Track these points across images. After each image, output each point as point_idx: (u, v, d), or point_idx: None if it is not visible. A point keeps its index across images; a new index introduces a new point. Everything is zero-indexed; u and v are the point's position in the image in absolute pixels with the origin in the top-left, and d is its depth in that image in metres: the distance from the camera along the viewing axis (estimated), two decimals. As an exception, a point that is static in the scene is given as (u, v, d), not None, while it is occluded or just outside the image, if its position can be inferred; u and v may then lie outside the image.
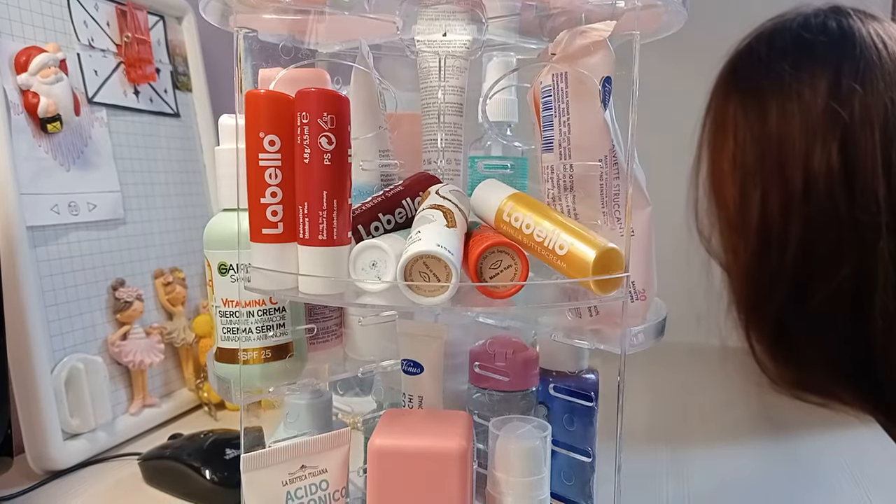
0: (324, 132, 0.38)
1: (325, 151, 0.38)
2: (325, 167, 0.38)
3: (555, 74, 0.43)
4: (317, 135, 0.38)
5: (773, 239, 0.83)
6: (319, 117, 0.38)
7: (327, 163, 0.38)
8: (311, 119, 0.38)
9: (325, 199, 0.38)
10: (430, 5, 0.46)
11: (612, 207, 0.43)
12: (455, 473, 0.38)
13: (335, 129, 0.38)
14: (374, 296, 0.39)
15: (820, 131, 0.80)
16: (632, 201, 0.42)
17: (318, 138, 0.38)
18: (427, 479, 0.38)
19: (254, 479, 0.41)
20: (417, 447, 0.38)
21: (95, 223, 0.71)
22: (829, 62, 0.80)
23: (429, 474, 0.38)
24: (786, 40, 0.84)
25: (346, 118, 0.39)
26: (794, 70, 0.81)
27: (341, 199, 0.39)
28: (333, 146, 0.38)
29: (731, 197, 0.85)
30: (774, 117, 0.83)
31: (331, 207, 0.38)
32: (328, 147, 0.38)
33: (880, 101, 0.78)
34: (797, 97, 0.81)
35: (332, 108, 0.38)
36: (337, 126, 0.38)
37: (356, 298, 0.39)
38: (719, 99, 0.89)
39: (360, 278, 0.39)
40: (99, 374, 0.68)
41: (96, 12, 0.75)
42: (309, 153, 0.38)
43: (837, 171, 0.79)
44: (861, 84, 0.78)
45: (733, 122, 0.86)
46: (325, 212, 0.38)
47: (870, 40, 0.80)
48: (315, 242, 0.39)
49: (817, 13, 0.84)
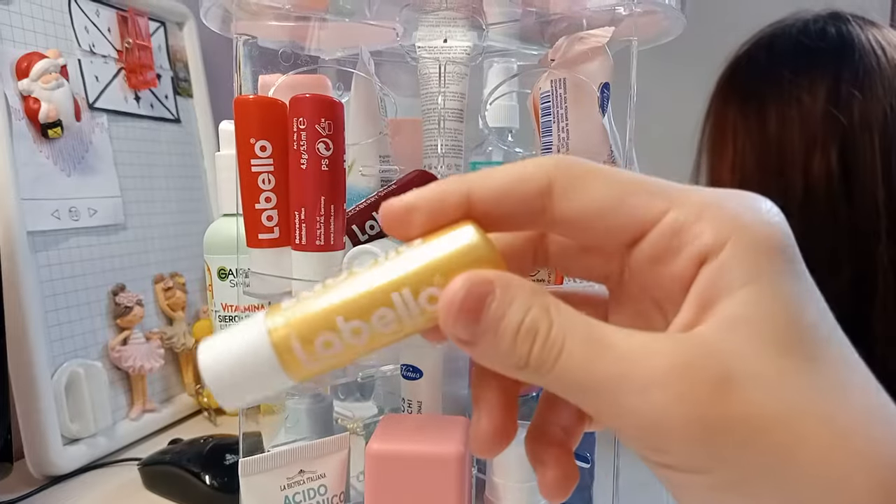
0: (321, 138, 0.38)
1: (323, 157, 0.38)
2: (322, 173, 0.38)
3: (553, 80, 0.43)
4: (314, 140, 0.38)
5: (772, 244, 0.82)
6: (317, 123, 0.38)
7: (325, 168, 0.38)
8: (309, 125, 0.38)
9: (322, 205, 0.38)
10: (430, 12, 0.47)
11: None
12: (452, 478, 0.38)
13: (332, 135, 0.38)
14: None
15: (819, 137, 0.80)
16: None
17: (315, 144, 0.38)
18: (424, 484, 0.38)
19: (252, 484, 0.41)
20: (414, 452, 0.38)
21: (96, 228, 0.72)
22: (829, 68, 0.81)
23: (426, 479, 0.38)
24: (785, 46, 0.84)
25: (342, 124, 0.39)
26: (793, 76, 0.81)
27: (338, 204, 0.39)
28: (331, 152, 0.38)
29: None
30: (774, 123, 0.83)
31: (328, 213, 0.38)
32: (325, 153, 0.38)
33: (879, 107, 0.78)
34: (796, 103, 0.81)
35: (329, 113, 0.38)
36: (334, 132, 0.38)
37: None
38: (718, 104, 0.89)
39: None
40: (99, 380, 0.68)
41: (97, 18, 0.75)
42: (306, 159, 0.38)
43: (837, 176, 0.79)
44: (860, 90, 0.78)
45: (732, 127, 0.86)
46: (322, 217, 0.38)
47: (869, 46, 0.80)
48: (312, 248, 0.39)
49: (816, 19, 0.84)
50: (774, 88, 0.82)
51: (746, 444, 0.18)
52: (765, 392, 0.18)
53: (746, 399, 0.18)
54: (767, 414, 0.18)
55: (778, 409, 0.18)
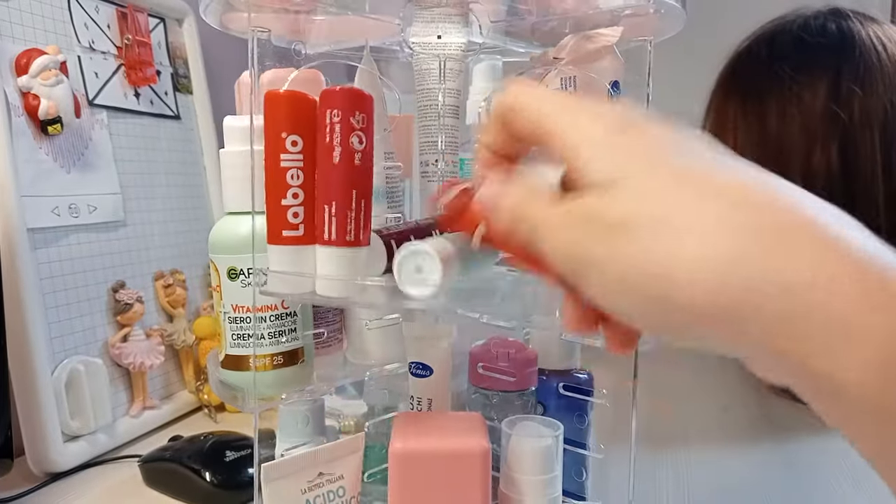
0: (355, 131, 0.37)
1: (357, 151, 0.37)
2: (355, 167, 0.37)
3: (564, 78, 0.43)
4: (348, 134, 0.37)
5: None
6: (352, 116, 0.37)
7: (357, 162, 0.37)
8: (343, 118, 0.37)
9: (354, 199, 0.37)
10: (426, 8, 0.46)
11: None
12: (478, 474, 0.37)
13: (365, 128, 0.37)
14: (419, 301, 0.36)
15: (819, 133, 0.80)
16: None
17: (349, 137, 0.37)
18: (450, 481, 0.37)
19: (274, 490, 0.41)
20: (440, 449, 0.38)
21: (96, 225, 0.72)
22: (829, 64, 0.80)
23: (452, 476, 0.37)
24: (785, 42, 0.84)
25: (372, 118, 0.38)
26: (793, 72, 0.81)
27: (367, 200, 0.38)
28: (364, 145, 0.37)
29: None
30: (774, 119, 0.83)
31: (359, 207, 0.38)
32: (359, 146, 0.37)
33: (880, 104, 0.78)
34: (797, 99, 0.81)
35: (363, 106, 0.37)
36: (367, 125, 0.37)
37: (393, 300, 0.37)
38: (719, 100, 0.89)
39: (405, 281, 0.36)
40: (99, 376, 0.68)
41: (97, 14, 0.75)
42: (339, 152, 0.37)
43: (837, 172, 0.79)
44: (861, 86, 0.78)
45: (733, 123, 0.86)
46: (353, 212, 0.37)
47: (869, 43, 0.80)
48: (342, 243, 0.38)
49: (817, 15, 0.84)
50: (775, 84, 0.82)
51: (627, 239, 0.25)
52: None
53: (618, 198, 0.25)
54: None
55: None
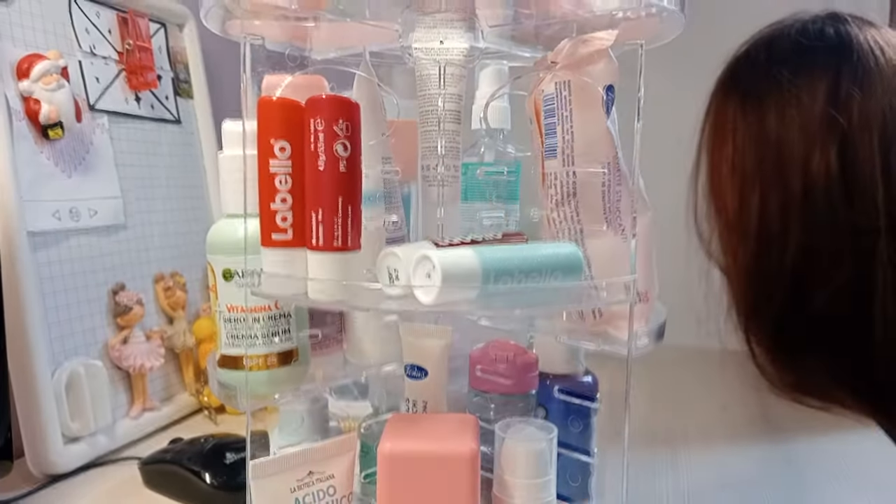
0: (339, 139, 0.38)
1: (341, 158, 0.38)
2: (340, 174, 0.38)
3: (558, 82, 0.43)
4: (332, 142, 0.37)
5: (772, 242, 0.83)
6: (335, 124, 0.37)
7: (342, 170, 0.38)
8: (327, 126, 0.37)
9: (340, 206, 0.38)
10: (428, 13, 0.47)
11: (614, 213, 0.44)
12: (466, 476, 0.37)
13: (350, 136, 0.38)
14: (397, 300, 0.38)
15: (818, 136, 0.80)
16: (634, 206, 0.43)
17: (333, 145, 0.37)
18: (438, 483, 0.38)
19: (262, 487, 0.41)
20: (428, 451, 0.38)
21: (96, 229, 0.72)
22: (828, 68, 0.81)
23: (440, 478, 0.38)
24: (784, 46, 0.85)
25: (359, 124, 0.39)
26: (792, 76, 0.82)
27: (355, 205, 0.39)
28: (349, 153, 0.38)
29: (730, 200, 0.86)
30: (773, 122, 0.83)
31: (345, 213, 0.38)
32: (343, 154, 0.38)
33: (878, 107, 0.78)
34: (796, 102, 0.81)
35: (347, 114, 0.38)
36: (351, 133, 0.38)
37: (377, 303, 0.39)
38: (718, 103, 0.89)
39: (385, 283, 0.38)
40: (99, 378, 0.68)
41: (98, 20, 0.75)
42: (324, 160, 0.38)
43: (836, 175, 0.79)
44: (859, 90, 0.78)
45: (732, 126, 0.86)
46: (339, 218, 0.38)
47: (867, 46, 0.80)
48: (330, 248, 0.38)
49: (815, 19, 0.85)
50: (774, 88, 0.83)
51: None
52: None
53: None
54: None
55: None
